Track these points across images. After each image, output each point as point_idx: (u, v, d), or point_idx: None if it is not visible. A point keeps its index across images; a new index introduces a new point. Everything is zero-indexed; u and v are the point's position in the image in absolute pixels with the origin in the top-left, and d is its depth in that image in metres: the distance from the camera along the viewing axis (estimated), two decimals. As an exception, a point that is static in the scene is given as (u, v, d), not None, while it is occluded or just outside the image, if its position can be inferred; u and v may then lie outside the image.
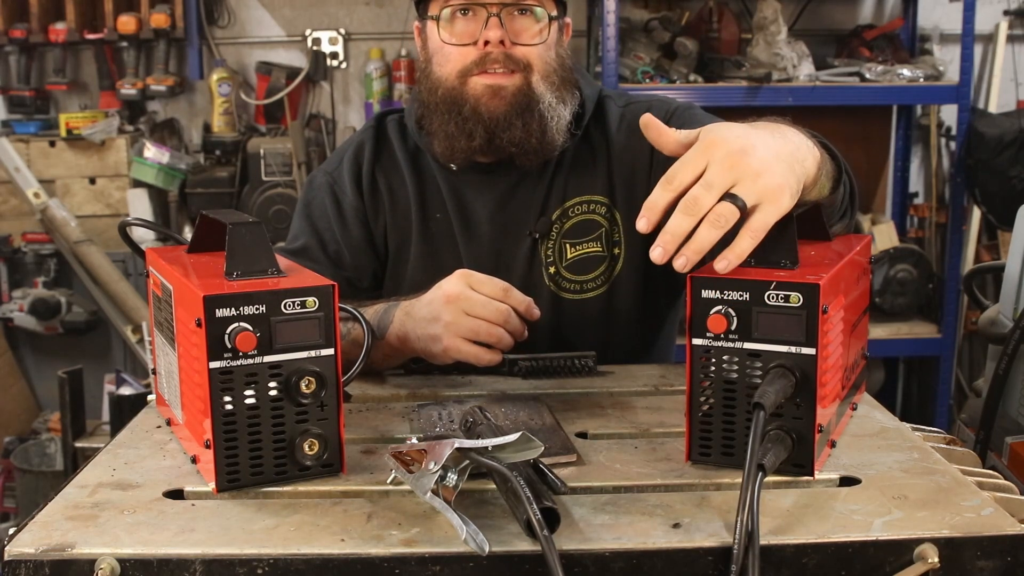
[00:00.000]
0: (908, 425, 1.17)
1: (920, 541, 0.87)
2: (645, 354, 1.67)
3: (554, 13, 1.53)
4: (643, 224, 0.97)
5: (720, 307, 0.98)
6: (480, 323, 1.30)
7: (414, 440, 0.94)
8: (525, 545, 0.86)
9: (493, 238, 1.59)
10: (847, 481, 1.00)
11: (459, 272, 1.34)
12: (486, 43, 1.48)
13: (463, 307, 1.30)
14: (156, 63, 3.71)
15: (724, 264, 0.96)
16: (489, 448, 0.89)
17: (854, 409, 1.20)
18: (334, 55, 3.83)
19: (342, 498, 0.98)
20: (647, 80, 3.31)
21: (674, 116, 1.59)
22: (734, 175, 0.96)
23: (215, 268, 1.05)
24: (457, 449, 0.88)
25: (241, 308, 0.95)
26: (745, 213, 0.96)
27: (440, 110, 1.53)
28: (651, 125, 1.05)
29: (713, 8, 3.56)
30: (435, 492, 0.89)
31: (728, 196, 0.95)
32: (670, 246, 0.95)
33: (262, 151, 3.61)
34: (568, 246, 1.59)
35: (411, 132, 1.64)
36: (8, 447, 3.50)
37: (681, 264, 0.96)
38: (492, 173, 1.59)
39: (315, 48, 3.80)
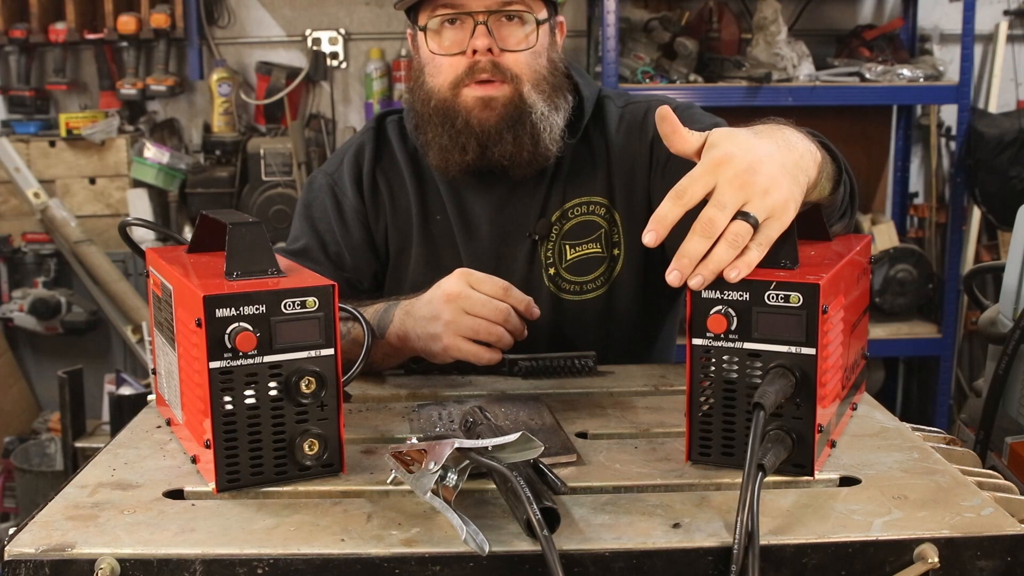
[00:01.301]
0: (908, 425, 1.17)
1: (920, 541, 0.87)
2: (645, 354, 1.67)
3: (542, 16, 1.52)
4: (651, 238, 0.97)
5: (720, 307, 0.99)
6: (480, 322, 1.30)
7: (414, 440, 0.94)
8: (525, 545, 0.86)
9: (493, 240, 1.59)
10: (847, 481, 1.00)
11: (459, 271, 1.34)
12: (474, 52, 1.47)
13: (463, 306, 1.30)
14: (156, 63, 3.71)
15: (735, 273, 0.96)
16: (489, 448, 0.89)
17: (854, 409, 1.20)
18: (334, 55, 3.83)
19: (342, 498, 0.98)
20: (647, 80, 3.31)
21: (673, 115, 1.59)
22: (745, 194, 0.97)
23: (215, 268, 1.05)
24: (457, 449, 0.88)
25: (241, 308, 0.95)
26: (756, 229, 0.97)
27: (434, 122, 1.53)
28: (667, 119, 1.04)
29: (713, 8, 3.56)
30: (435, 492, 0.89)
31: (740, 214, 0.96)
32: (687, 269, 0.96)
33: (262, 151, 3.61)
34: (568, 247, 1.59)
35: (410, 134, 1.64)
36: (8, 447, 3.50)
37: (698, 283, 0.96)
38: (492, 175, 1.59)
39: (315, 48, 3.80)
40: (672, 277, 0.96)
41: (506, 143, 1.50)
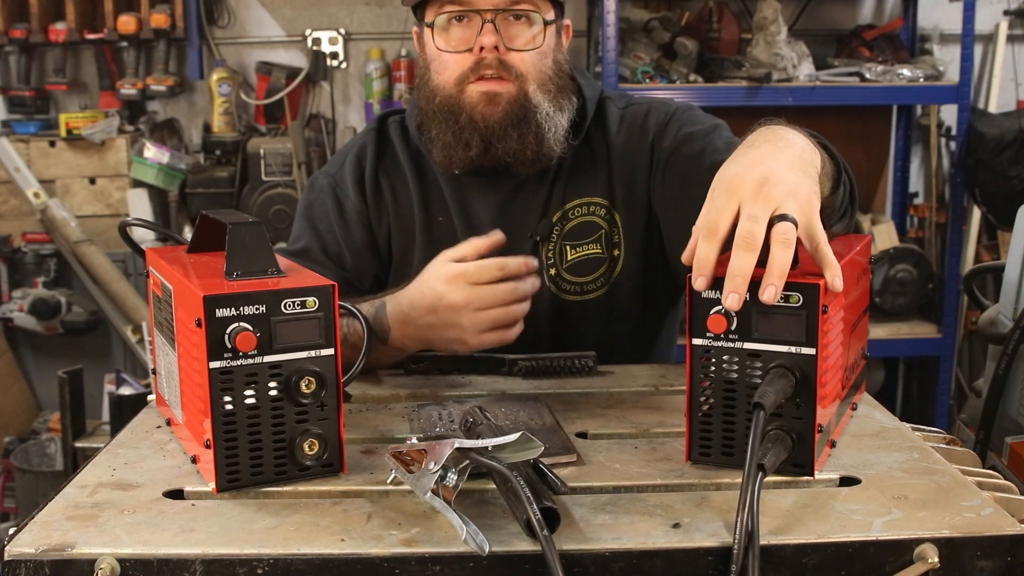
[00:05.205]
0: (908, 425, 1.17)
1: (920, 541, 0.87)
2: (645, 354, 1.67)
3: (550, 17, 1.52)
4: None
5: (720, 307, 0.98)
6: (495, 313, 1.31)
7: (414, 440, 0.94)
8: (525, 545, 0.86)
9: (496, 241, 1.59)
10: (847, 481, 1.00)
11: (448, 275, 1.33)
12: (481, 49, 1.47)
13: (474, 307, 1.31)
14: (156, 63, 3.70)
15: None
16: (489, 448, 0.89)
17: (854, 409, 1.20)
18: (334, 55, 3.82)
19: (342, 498, 0.98)
20: (647, 80, 3.31)
21: (673, 117, 1.59)
22: (771, 203, 0.97)
23: (215, 268, 1.05)
24: (457, 449, 0.88)
25: (241, 308, 0.96)
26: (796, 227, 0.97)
27: (438, 118, 1.53)
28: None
29: (713, 8, 3.56)
30: (435, 492, 0.89)
31: (777, 218, 0.96)
32: (742, 288, 0.94)
33: (262, 151, 3.61)
34: (568, 248, 1.59)
35: (412, 135, 1.64)
36: (8, 447, 3.49)
37: (772, 295, 0.93)
38: (494, 176, 1.59)
39: (315, 48, 3.80)
40: (731, 301, 0.94)
41: (511, 140, 1.50)
